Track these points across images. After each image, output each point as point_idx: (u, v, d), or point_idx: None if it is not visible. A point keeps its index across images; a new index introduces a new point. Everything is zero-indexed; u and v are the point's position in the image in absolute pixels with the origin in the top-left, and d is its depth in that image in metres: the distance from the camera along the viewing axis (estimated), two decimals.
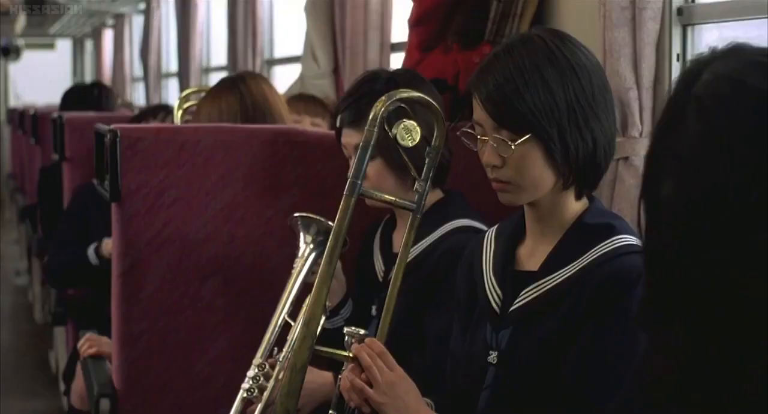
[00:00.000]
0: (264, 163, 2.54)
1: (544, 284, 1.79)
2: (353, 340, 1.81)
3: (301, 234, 2.23)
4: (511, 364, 1.80)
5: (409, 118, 1.91)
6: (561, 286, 1.77)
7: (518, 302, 1.81)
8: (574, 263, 1.77)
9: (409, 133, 1.89)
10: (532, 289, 1.80)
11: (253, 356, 2.14)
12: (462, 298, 1.96)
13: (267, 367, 2.11)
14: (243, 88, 2.87)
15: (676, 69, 2.36)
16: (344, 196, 1.83)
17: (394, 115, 1.91)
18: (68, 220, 3.87)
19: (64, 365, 4.34)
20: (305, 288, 2.19)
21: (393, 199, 1.98)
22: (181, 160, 2.50)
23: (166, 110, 3.98)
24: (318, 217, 2.23)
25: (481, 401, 1.83)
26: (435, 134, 1.93)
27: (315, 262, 2.20)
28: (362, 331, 1.83)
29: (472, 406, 1.85)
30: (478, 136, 1.81)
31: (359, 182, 1.83)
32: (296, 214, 2.26)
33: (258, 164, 2.54)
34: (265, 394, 2.08)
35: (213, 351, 2.55)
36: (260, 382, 2.09)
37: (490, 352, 1.83)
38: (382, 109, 1.84)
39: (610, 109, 1.82)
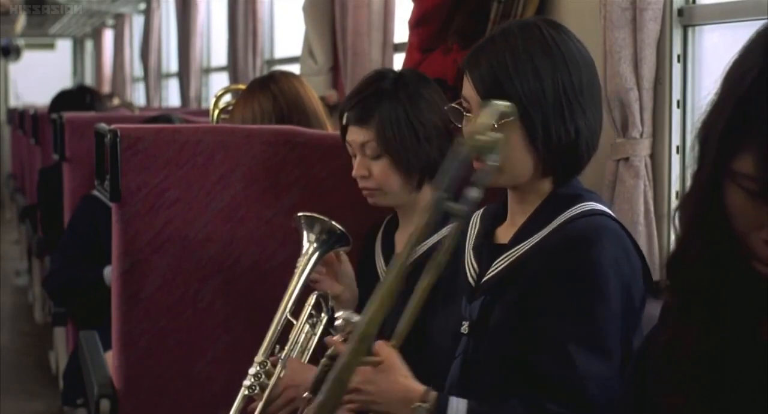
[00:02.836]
0: (264, 163, 2.54)
1: (513, 253, 1.84)
2: (342, 334, 1.79)
3: (305, 232, 2.23)
4: (481, 333, 1.83)
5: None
6: (527, 253, 1.81)
7: (490, 273, 1.86)
8: (542, 231, 1.82)
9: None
10: (502, 259, 1.85)
11: (253, 356, 2.14)
12: (445, 277, 1.98)
13: (269, 364, 2.11)
14: (275, 88, 2.85)
15: (676, 70, 2.36)
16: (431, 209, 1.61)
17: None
18: (73, 235, 3.76)
19: (64, 365, 4.34)
20: (308, 286, 2.20)
21: None
22: (181, 160, 2.50)
23: (168, 120, 3.93)
24: (321, 217, 2.23)
25: (452, 370, 1.85)
26: None
27: (318, 261, 2.21)
28: (355, 318, 1.77)
29: (445, 375, 1.87)
30: (464, 113, 1.86)
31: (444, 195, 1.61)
32: (300, 214, 2.26)
33: (258, 164, 2.54)
34: (266, 391, 2.08)
35: (213, 351, 2.55)
36: (261, 379, 2.10)
37: (463, 322, 1.86)
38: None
39: (596, 104, 1.86)
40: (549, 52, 1.80)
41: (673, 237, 2.02)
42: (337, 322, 1.80)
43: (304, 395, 1.89)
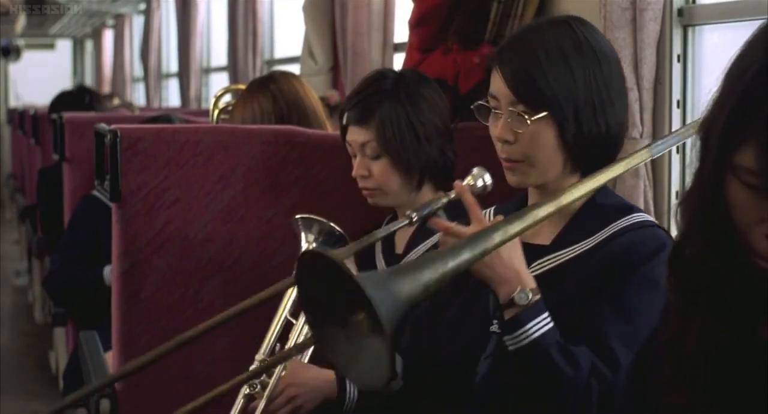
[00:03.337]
0: (264, 163, 2.54)
1: (559, 257, 1.82)
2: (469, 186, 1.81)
3: (303, 234, 2.23)
4: None
5: None
6: (577, 259, 1.80)
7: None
8: (591, 238, 1.81)
9: None
10: (545, 261, 1.83)
11: (253, 356, 2.14)
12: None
13: (269, 363, 2.11)
14: (274, 88, 2.85)
15: (676, 70, 2.36)
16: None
17: None
18: (73, 235, 3.75)
19: (64, 365, 4.34)
20: None
21: None
22: (181, 160, 2.50)
23: (168, 120, 3.93)
24: (319, 218, 2.23)
25: (481, 370, 1.82)
26: None
27: None
28: (489, 180, 1.82)
29: (472, 374, 1.84)
30: (493, 110, 1.84)
31: None
32: (297, 216, 2.26)
33: (258, 164, 2.54)
34: (267, 390, 2.08)
35: (213, 351, 2.55)
36: (263, 377, 2.10)
37: (494, 321, 1.81)
38: None
39: (624, 98, 1.87)
40: (580, 47, 1.80)
41: (673, 236, 2.03)
42: (467, 179, 1.83)
43: None
